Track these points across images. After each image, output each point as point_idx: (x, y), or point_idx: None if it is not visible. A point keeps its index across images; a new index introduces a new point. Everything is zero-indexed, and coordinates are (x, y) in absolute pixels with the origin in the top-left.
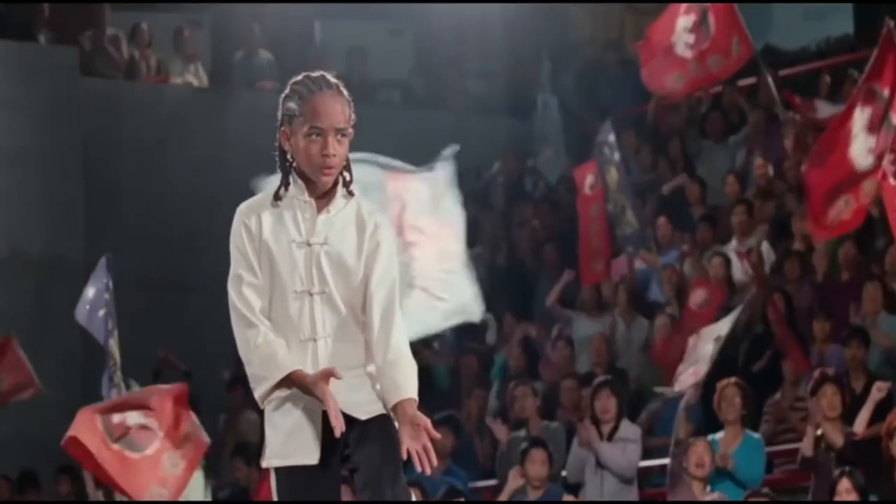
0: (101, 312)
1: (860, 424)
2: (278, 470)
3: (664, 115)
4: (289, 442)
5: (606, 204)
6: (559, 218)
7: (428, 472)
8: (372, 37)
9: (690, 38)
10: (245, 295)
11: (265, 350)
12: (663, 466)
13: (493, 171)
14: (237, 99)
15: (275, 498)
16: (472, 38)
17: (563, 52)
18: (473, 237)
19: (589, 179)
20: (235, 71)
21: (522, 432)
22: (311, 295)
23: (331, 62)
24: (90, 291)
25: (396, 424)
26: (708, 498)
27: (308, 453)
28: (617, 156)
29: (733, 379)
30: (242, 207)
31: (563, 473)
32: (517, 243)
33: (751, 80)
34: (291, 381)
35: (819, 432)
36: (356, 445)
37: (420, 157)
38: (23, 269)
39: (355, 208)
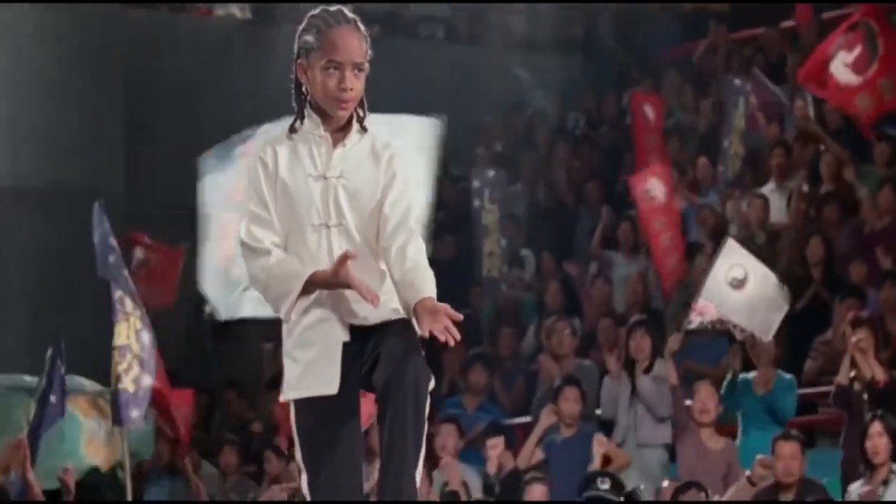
0: (112, 258)
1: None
2: (297, 402)
3: (707, 58)
4: (307, 374)
5: (724, 140)
6: (600, 156)
7: (452, 343)
8: None
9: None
10: (253, 231)
11: (279, 268)
12: None
13: (538, 109)
14: (280, 32)
15: (294, 431)
16: None
17: None
18: (514, 175)
19: (650, 112)
20: (278, 5)
21: None
22: (328, 227)
23: None
24: (96, 239)
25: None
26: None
27: (327, 383)
28: (747, 107)
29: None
30: (259, 143)
31: (598, 412)
32: (557, 181)
33: (791, 23)
34: (313, 283)
35: (853, 373)
36: (376, 343)
37: (461, 92)
38: (63, 203)
39: (370, 141)
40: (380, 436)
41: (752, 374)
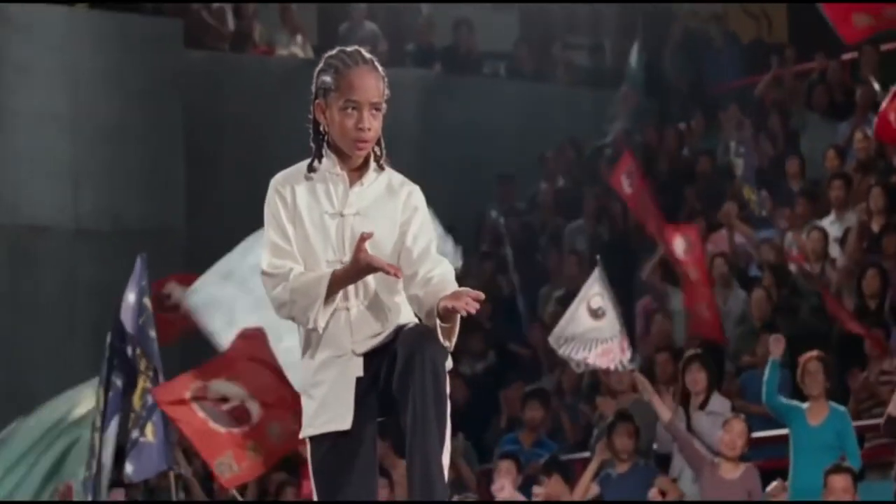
0: (141, 320)
1: None
2: (312, 439)
3: (768, 89)
4: (321, 411)
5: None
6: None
7: (472, 309)
8: (478, 9)
9: None
10: (274, 261)
11: (299, 280)
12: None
13: (600, 143)
14: None
15: (309, 467)
16: (578, 10)
17: (667, 25)
18: (575, 210)
19: (624, 178)
20: (340, 43)
21: None
22: (342, 264)
23: (437, 34)
24: (130, 297)
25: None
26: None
27: (340, 419)
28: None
29: (815, 353)
30: (277, 177)
31: (655, 447)
32: (617, 216)
33: (853, 55)
34: (336, 282)
35: None
36: (389, 356)
37: (524, 128)
38: (125, 242)
39: (387, 179)
40: (403, 417)
41: (805, 405)
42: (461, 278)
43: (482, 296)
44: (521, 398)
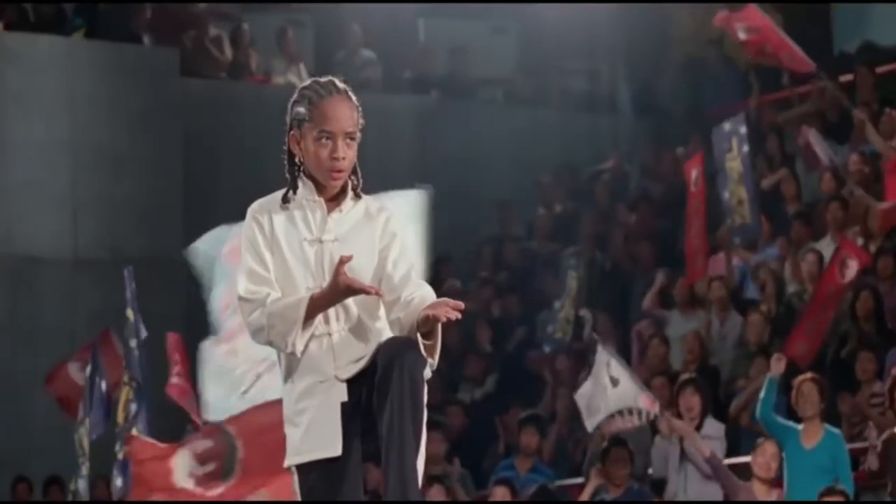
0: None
1: None
2: (300, 467)
3: (765, 112)
4: (308, 437)
5: (723, 192)
6: (656, 216)
7: (453, 316)
8: (475, 35)
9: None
10: (251, 287)
11: (277, 305)
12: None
13: (598, 168)
14: None
15: (297, 494)
16: (575, 36)
17: (663, 50)
18: (572, 235)
19: (694, 174)
20: (337, 71)
21: None
22: (323, 288)
23: (433, 61)
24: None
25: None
26: (773, 494)
27: (330, 446)
28: (746, 147)
29: (809, 374)
30: (254, 206)
31: (650, 471)
32: (614, 241)
33: (849, 78)
34: (315, 305)
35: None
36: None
37: (522, 154)
38: (122, 270)
39: (364, 206)
40: (379, 423)
41: (800, 427)
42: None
43: (462, 305)
44: (516, 424)
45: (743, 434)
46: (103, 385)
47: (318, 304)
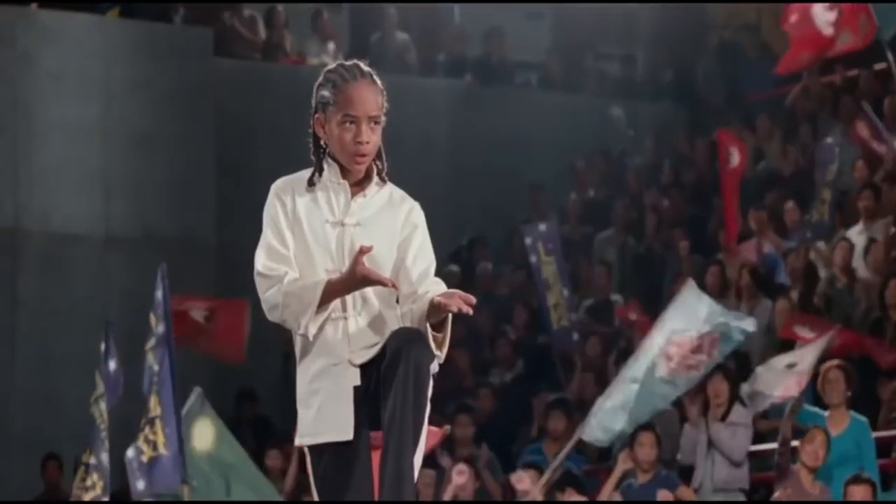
0: (162, 327)
1: None
2: (311, 448)
3: (800, 102)
4: (319, 419)
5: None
6: (690, 201)
7: (465, 309)
8: (510, 19)
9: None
10: (269, 263)
11: (294, 285)
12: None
13: (628, 153)
14: None
15: (311, 477)
16: (610, 21)
17: (699, 35)
18: (605, 220)
19: (734, 152)
20: (372, 52)
21: None
22: (340, 274)
23: (469, 44)
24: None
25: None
26: (817, 488)
27: (341, 429)
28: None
29: (836, 361)
30: (278, 183)
31: (678, 457)
32: (647, 227)
33: (884, 65)
34: (331, 290)
35: None
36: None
37: (555, 139)
38: (156, 251)
39: (389, 192)
40: (381, 412)
41: (826, 413)
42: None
43: (473, 299)
44: (544, 408)
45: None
46: (112, 364)
47: (335, 290)
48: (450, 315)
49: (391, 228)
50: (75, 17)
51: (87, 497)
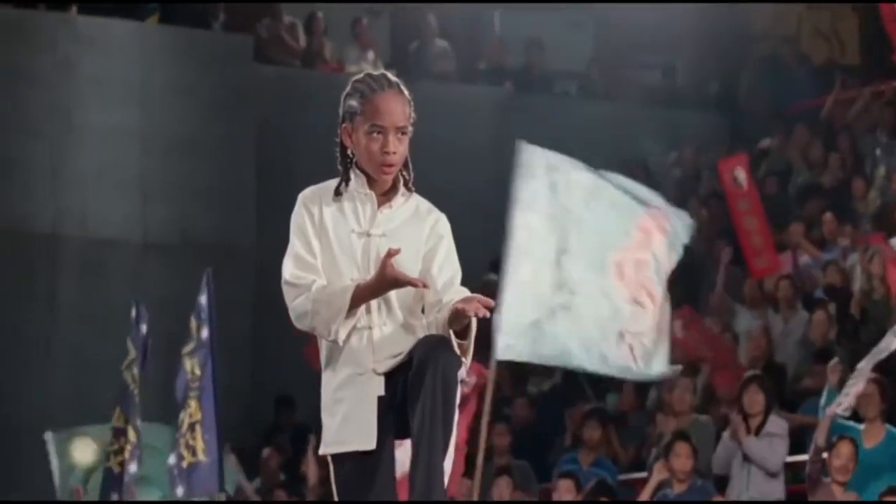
0: (206, 333)
1: None
2: (335, 457)
3: (839, 111)
4: (344, 428)
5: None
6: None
7: (481, 313)
8: (551, 28)
9: None
10: (297, 272)
11: (322, 292)
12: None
13: (668, 163)
14: (411, 88)
15: (333, 485)
16: (651, 31)
17: (739, 47)
18: None
19: (738, 173)
20: (412, 60)
21: None
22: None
23: (509, 52)
24: (204, 304)
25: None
26: (850, 498)
27: (364, 439)
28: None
29: (872, 375)
30: (306, 192)
31: (713, 468)
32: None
33: None
34: (360, 295)
35: None
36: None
37: (595, 147)
38: (194, 256)
39: (415, 204)
40: (410, 421)
41: (861, 427)
42: None
43: (491, 303)
44: (580, 418)
45: (807, 432)
46: (143, 328)
47: (363, 294)
48: (473, 322)
49: (417, 239)
50: (115, 23)
51: (115, 461)
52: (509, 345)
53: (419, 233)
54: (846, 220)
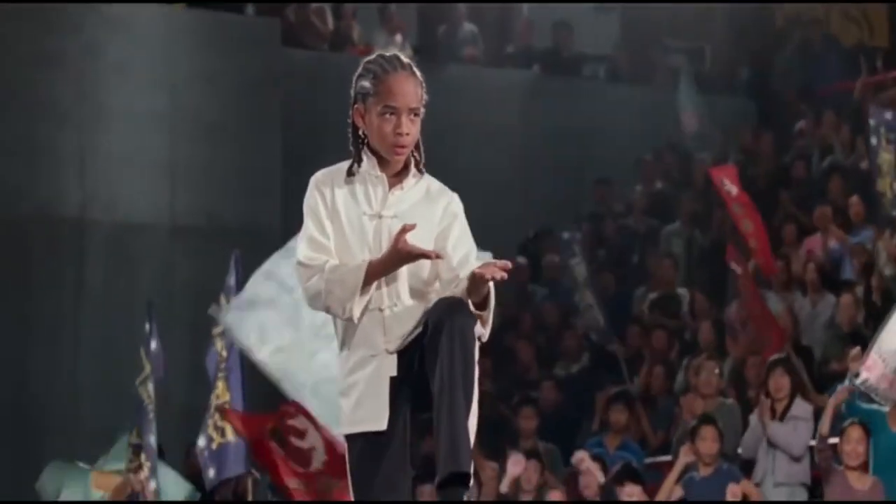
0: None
1: None
2: (349, 437)
3: (868, 94)
4: (357, 409)
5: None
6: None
7: (498, 276)
8: (579, 11)
9: None
10: (310, 254)
11: (336, 272)
12: None
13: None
14: (439, 72)
15: (347, 464)
16: (680, 14)
17: (768, 30)
18: (671, 213)
19: (726, 183)
20: (440, 43)
21: None
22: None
23: (537, 35)
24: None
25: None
26: (867, 485)
27: (376, 419)
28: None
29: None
30: (318, 175)
31: (739, 451)
32: (713, 221)
33: None
34: (373, 271)
35: None
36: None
37: (623, 131)
38: (221, 240)
39: (426, 185)
40: (431, 383)
41: (886, 409)
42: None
43: (509, 265)
44: (606, 401)
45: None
46: (154, 343)
47: (377, 270)
48: (492, 293)
49: (429, 220)
50: (142, 7)
51: (138, 477)
52: None
53: (432, 214)
54: (873, 204)
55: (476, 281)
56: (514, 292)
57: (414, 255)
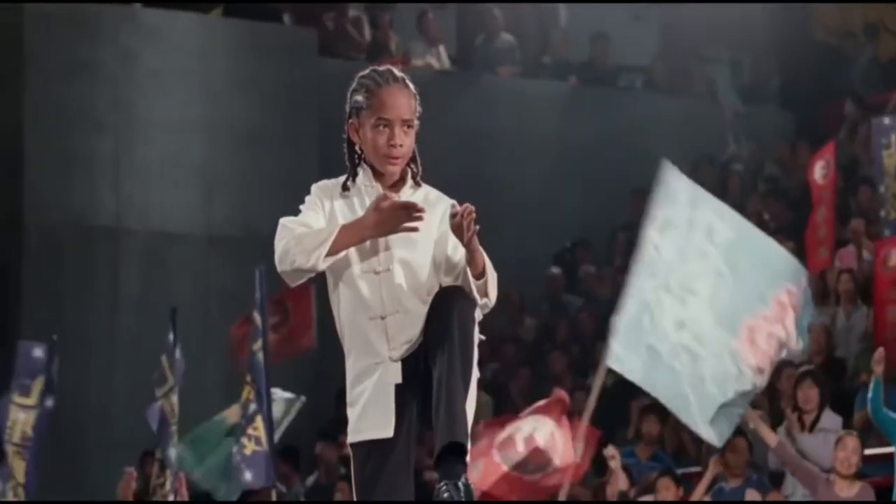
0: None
1: None
2: (355, 445)
3: None
4: (362, 418)
5: (878, 186)
6: (790, 207)
7: (467, 213)
8: (616, 22)
9: None
10: (294, 222)
11: (309, 231)
12: (875, 455)
13: (728, 158)
14: (476, 82)
15: (353, 472)
16: (716, 26)
17: (804, 40)
18: None
19: (821, 165)
20: (477, 54)
21: None
22: (376, 273)
23: (574, 47)
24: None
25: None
26: (855, 488)
27: (381, 427)
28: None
29: None
30: (318, 184)
31: (770, 463)
32: None
33: None
34: (351, 229)
35: None
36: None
37: (660, 141)
38: (257, 249)
39: (423, 194)
40: (431, 367)
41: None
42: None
43: (472, 207)
44: (640, 411)
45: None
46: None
47: (355, 230)
48: (486, 261)
49: (427, 228)
50: (179, 15)
51: (162, 491)
52: (620, 356)
53: (429, 221)
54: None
55: (456, 230)
56: (550, 303)
57: (396, 206)
